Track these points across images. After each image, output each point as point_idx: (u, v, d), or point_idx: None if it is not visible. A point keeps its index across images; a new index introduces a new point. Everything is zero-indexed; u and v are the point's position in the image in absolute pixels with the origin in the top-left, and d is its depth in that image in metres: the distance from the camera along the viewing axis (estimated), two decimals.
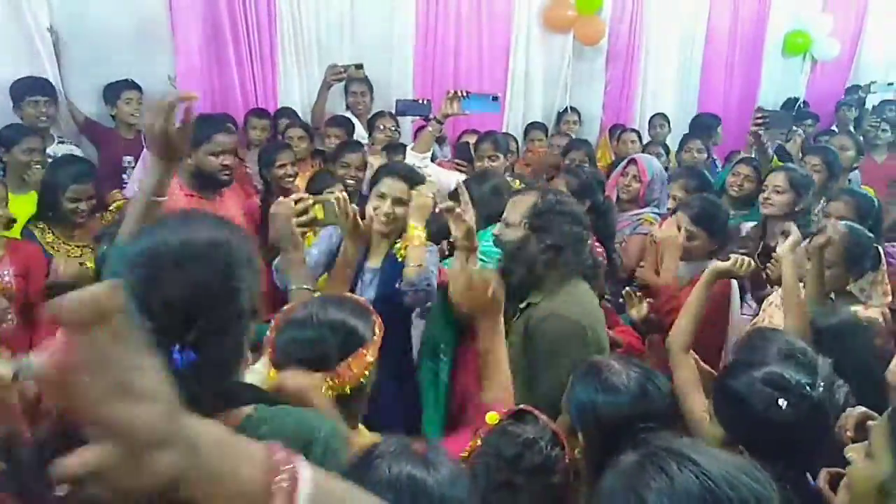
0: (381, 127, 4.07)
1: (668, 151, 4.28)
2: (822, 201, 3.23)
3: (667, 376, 1.64)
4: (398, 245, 2.26)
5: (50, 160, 3.12)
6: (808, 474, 1.41)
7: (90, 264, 2.63)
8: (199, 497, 0.48)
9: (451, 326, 2.12)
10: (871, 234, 2.42)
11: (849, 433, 1.46)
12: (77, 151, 3.52)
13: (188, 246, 0.98)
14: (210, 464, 0.49)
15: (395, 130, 4.09)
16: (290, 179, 3.29)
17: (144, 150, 3.46)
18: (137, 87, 3.82)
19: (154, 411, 0.46)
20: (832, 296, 2.31)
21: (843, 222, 2.37)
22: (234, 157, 2.76)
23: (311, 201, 1.85)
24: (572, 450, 1.43)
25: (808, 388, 1.35)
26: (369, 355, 1.33)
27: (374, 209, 2.22)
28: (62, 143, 3.51)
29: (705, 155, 4.40)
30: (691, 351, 1.99)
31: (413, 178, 2.27)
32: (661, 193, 3.41)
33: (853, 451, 1.19)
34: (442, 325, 2.15)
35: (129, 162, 3.76)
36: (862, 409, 1.26)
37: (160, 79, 3.98)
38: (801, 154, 4.07)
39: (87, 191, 2.73)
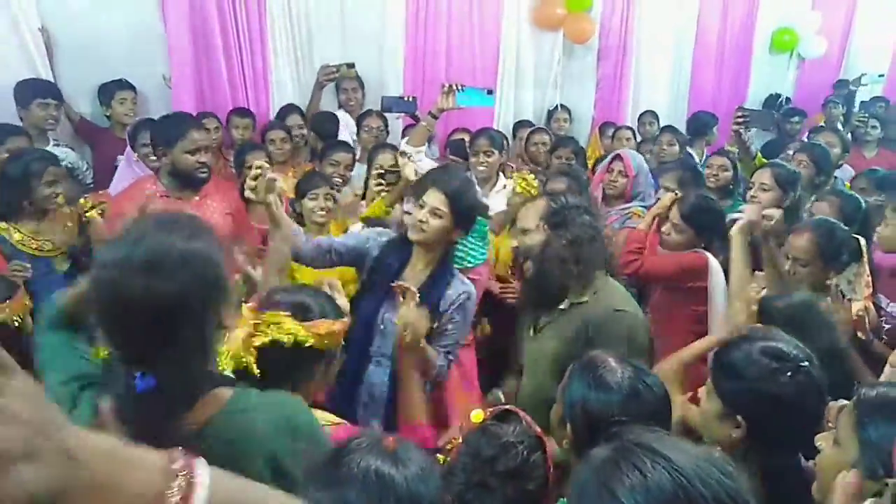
0: (368, 127, 4.09)
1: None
2: (812, 198, 3.25)
3: None
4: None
5: None
6: (800, 455, 1.42)
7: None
8: None
9: None
10: (845, 227, 2.43)
11: (830, 424, 1.47)
12: (73, 156, 3.51)
13: (156, 269, 0.95)
14: (93, 475, 0.49)
15: (383, 130, 4.09)
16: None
17: (128, 149, 3.46)
18: (131, 87, 3.83)
19: (12, 429, 0.45)
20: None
21: (818, 217, 2.41)
22: (213, 154, 2.76)
23: (259, 171, 1.91)
24: (561, 440, 1.45)
25: (806, 361, 1.36)
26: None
27: (413, 217, 2.19)
28: (58, 145, 3.48)
29: (676, 148, 4.43)
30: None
31: (456, 195, 2.17)
32: (646, 187, 3.46)
33: (822, 440, 1.20)
34: None
35: (121, 160, 3.75)
36: (843, 401, 1.28)
37: (154, 79, 4.01)
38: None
39: (62, 173, 2.67)
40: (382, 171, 3.12)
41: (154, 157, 3.38)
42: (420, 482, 0.96)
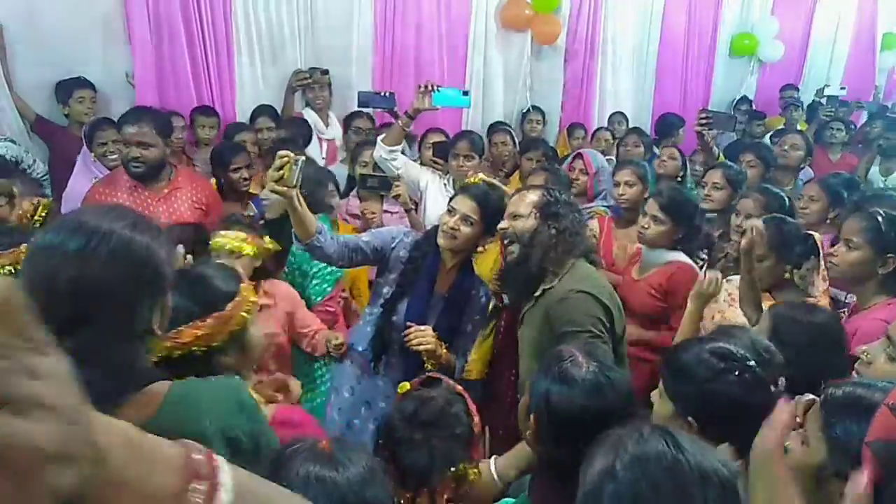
0: (357, 128, 4.08)
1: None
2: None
3: None
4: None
5: None
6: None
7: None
8: None
9: None
10: (796, 221, 2.50)
11: (798, 419, 1.48)
12: (14, 149, 3.38)
13: (90, 245, 0.93)
14: (118, 471, 0.45)
15: (372, 131, 4.06)
16: (246, 183, 3.20)
17: (84, 149, 3.36)
18: (90, 86, 3.72)
19: (48, 425, 0.39)
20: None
21: (769, 216, 2.46)
22: (177, 153, 2.71)
23: (287, 160, 1.89)
24: (526, 431, 1.47)
25: (753, 362, 1.40)
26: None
27: (443, 224, 2.23)
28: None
29: (642, 149, 4.52)
30: None
31: (486, 201, 2.23)
32: (607, 185, 3.51)
33: (791, 440, 1.20)
34: None
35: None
36: (810, 396, 1.29)
37: (116, 76, 3.90)
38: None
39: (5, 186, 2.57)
40: (367, 175, 3.08)
41: (113, 157, 3.34)
42: (362, 482, 0.96)
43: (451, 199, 2.30)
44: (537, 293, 2.07)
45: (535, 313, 2.08)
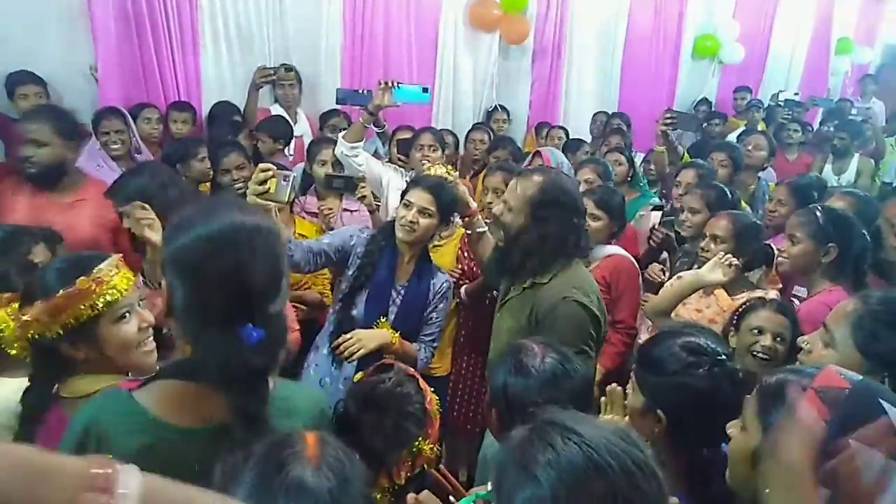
0: (334, 127, 4.07)
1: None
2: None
3: None
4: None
5: None
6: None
7: None
8: None
9: None
10: (758, 222, 2.64)
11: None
12: None
13: (253, 231, 1.03)
14: (10, 493, 0.47)
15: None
16: (241, 184, 2.97)
17: (92, 139, 3.31)
18: (38, 80, 3.56)
19: None
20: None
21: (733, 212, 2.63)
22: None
23: (270, 174, 1.84)
24: (490, 424, 1.50)
25: (723, 356, 1.43)
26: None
27: (400, 217, 2.25)
28: None
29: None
30: None
31: (440, 192, 2.26)
32: None
33: (732, 427, 1.25)
34: None
35: None
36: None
37: (79, 69, 3.81)
38: None
39: None
40: (332, 175, 3.07)
41: (115, 146, 3.32)
42: (342, 489, 0.96)
43: (404, 193, 2.32)
44: (526, 284, 2.04)
45: (519, 304, 2.04)
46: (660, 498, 0.89)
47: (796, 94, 6.49)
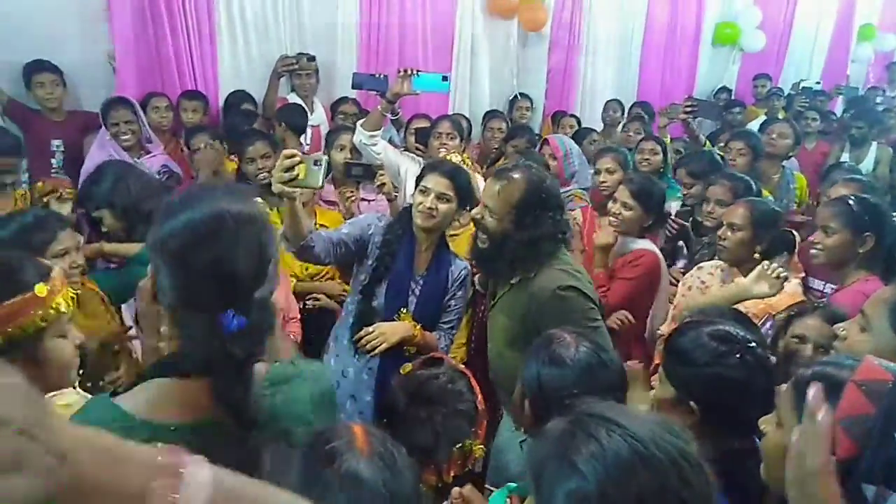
0: (345, 114, 4.06)
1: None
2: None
3: None
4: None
5: None
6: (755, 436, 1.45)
7: None
8: None
9: None
10: (777, 209, 2.59)
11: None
12: None
13: (237, 219, 1.01)
14: (86, 476, 0.48)
15: (357, 117, 4.01)
16: (263, 175, 2.94)
17: (102, 129, 3.30)
18: (53, 69, 3.58)
19: None
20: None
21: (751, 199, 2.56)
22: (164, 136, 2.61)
23: (297, 159, 1.79)
24: (522, 419, 1.47)
25: (753, 342, 1.39)
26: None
27: (418, 204, 2.20)
28: None
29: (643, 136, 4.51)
30: None
31: (457, 177, 2.22)
32: (580, 168, 3.56)
33: (765, 423, 1.22)
34: None
35: (57, 146, 3.59)
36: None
37: (96, 58, 3.79)
38: None
39: (13, 163, 2.58)
40: (351, 163, 3.04)
41: (125, 136, 3.32)
42: (396, 479, 0.95)
43: (420, 179, 2.27)
44: (514, 280, 2.02)
45: (510, 300, 2.03)
46: (708, 493, 0.86)
47: (818, 82, 6.39)
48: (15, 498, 0.42)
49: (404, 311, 2.22)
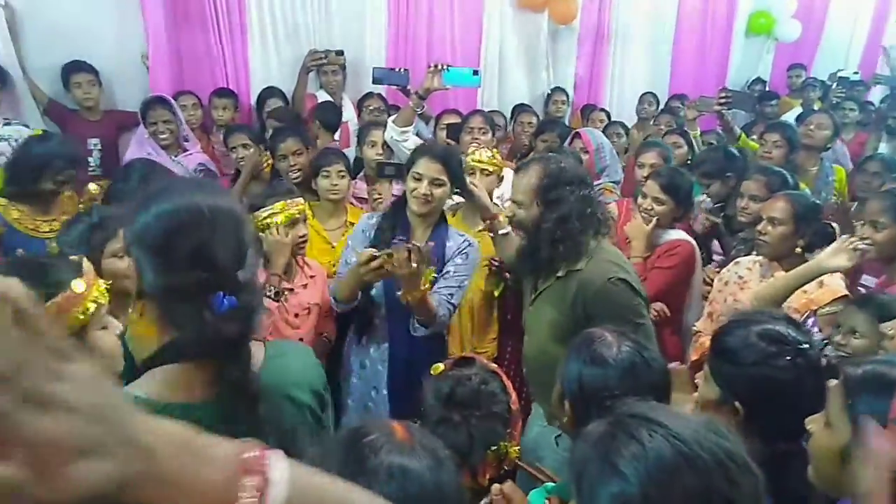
0: (369, 108, 4.07)
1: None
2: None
3: None
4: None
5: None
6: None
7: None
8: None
9: None
10: (817, 202, 2.52)
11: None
12: (27, 132, 3.34)
13: (222, 209, 1.07)
14: (162, 468, 0.47)
15: (384, 111, 4.03)
16: (296, 173, 2.97)
17: (140, 128, 3.36)
18: (90, 69, 3.66)
19: (70, 421, 0.42)
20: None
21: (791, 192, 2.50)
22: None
23: (384, 256, 1.94)
24: (562, 418, 1.45)
25: (805, 344, 1.35)
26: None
27: (412, 191, 2.22)
28: (7, 124, 3.31)
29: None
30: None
31: (449, 160, 2.24)
32: (611, 162, 3.52)
33: (813, 423, 1.19)
34: None
35: (94, 144, 3.65)
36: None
37: (130, 57, 3.86)
38: None
39: (74, 175, 2.65)
40: (384, 162, 3.04)
41: (163, 136, 3.38)
42: (439, 468, 0.94)
43: (410, 165, 2.27)
44: (560, 273, 2.00)
45: (556, 293, 2.01)
46: (758, 494, 0.84)
47: (856, 72, 6.21)
48: (88, 482, 0.42)
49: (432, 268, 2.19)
